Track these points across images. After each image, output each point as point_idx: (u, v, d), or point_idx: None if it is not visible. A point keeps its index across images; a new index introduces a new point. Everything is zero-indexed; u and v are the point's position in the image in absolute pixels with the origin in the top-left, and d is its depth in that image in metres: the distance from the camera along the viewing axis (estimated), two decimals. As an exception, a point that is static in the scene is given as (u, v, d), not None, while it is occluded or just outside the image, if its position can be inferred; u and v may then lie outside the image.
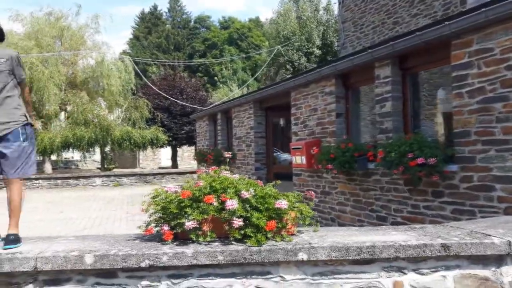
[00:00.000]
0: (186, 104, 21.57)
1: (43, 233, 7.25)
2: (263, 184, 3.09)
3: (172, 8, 58.36)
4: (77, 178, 16.62)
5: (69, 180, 16.18)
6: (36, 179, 16.33)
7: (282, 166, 10.02)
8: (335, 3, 25.75)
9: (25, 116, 3.00)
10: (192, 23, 62.46)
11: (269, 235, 2.63)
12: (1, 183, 16.54)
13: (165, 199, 2.72)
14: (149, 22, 52.21)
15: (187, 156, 35.65)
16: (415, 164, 4.49)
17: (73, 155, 31.36)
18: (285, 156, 10.57)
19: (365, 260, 2.65)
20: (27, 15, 22.92)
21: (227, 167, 3.01)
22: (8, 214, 3.03)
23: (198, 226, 2.61)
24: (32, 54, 19.37)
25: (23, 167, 2.94)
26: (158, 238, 2.82)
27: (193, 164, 35.97)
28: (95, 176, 16.88)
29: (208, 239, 2.65)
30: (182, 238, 2.71)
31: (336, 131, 6.61)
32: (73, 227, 7.87)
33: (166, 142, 21.07)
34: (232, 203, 2.58)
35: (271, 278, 2.62)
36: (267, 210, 2.66)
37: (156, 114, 21.20)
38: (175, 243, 2.68)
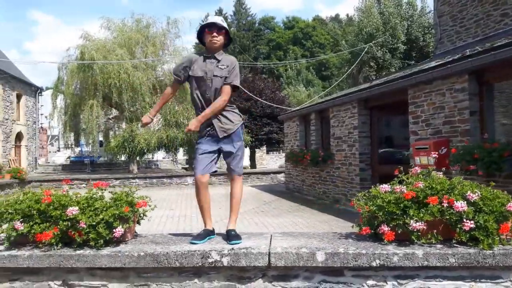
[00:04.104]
0: (272, 104, 21.77)
1: (171, 229, 7.66)
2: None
3: (237, 11, 59.38)
4: (170, 177, 17.44)
5: (163, 179, 17.04)
6: (133, 178, 17.39)
7: (389, 167, 9.74)
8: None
9: (241, 117, 3.19)
10: (257, 25, 63.15)
11: (496, 238, 2.53)
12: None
13: (382, 199, 2.71)
14: (214, 26, 53.45)
15: (258, 156, 36.12)
16: None
17: (154, 155, 32.98)
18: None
19: None
20: (118, 22, 24.27)
21: (433, 168, 2.94)
22: (197, 209, 3.23)
23: (424, 227, 2.58)
24: (125, 60, 20.68)
25: (242, 165, 3.14)
26: (372, 237, 2.83)
27: (264, 164, 36.43)
28: (186, 176, 17.59)
29: (433, 241, 2.61)
30: (398, 239, 2.69)
31: (470, 130, 6.29)
32: (193, 223, 8.23)
33: (250, 142, 21.43)
34: (462, 205, 2.52)
35: (501, 282, 2.53)
36: (492, 212, 2.57)
37: (241, 116, 21.60)
38: (393, 243, 2.67)
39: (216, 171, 3.15)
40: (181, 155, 34.79)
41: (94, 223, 2.74)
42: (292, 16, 64.73)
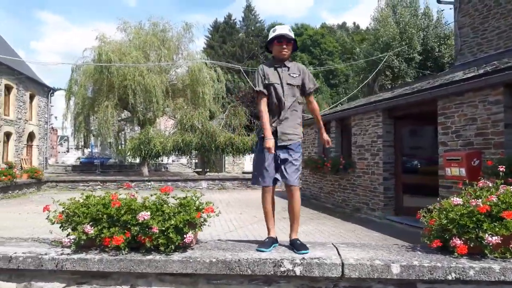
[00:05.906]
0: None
1: (199, 234, 7.65)
2: None
3: (246, 17, 59.43)
4: (185, 181, 17.46)
5: (178, 183, 17.03)
6: (148, 180, 17.41)
7: (412, 176, 9.72)
8: (443, 9, 24.62)
9: (302, 133, 3.19)
10: (265, 31, 63.35)
11: None
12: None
13: (455, 212, 2.71)
14: (223, 32, 53.37)
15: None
16: None
17: (163, 158, 33.01)
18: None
19: None
20: (135, 25, 24.43)
21: (501, 182, 2.94)
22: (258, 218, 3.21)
23: (499, 241, 2.57)
24: (141, 63, 20.82)
25: (298, 176, 3.13)
26: (439, 250, 2.81)
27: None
28: (201, 180, 17.61)
29: (508, 255, 2.60)
30: (469, 252, 2.68)
31: (504, 143, 6.27)
32: (219, 228, 8.23)
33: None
34: (539, 220, 2.51)
35: None
36: None
37: (253, 121, 21.68)
38: (465, 257, 2.66)
39: (279, 181, 3.13)
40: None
41: (164, 228, 2.76)
42: (301, 23, 64.78)
